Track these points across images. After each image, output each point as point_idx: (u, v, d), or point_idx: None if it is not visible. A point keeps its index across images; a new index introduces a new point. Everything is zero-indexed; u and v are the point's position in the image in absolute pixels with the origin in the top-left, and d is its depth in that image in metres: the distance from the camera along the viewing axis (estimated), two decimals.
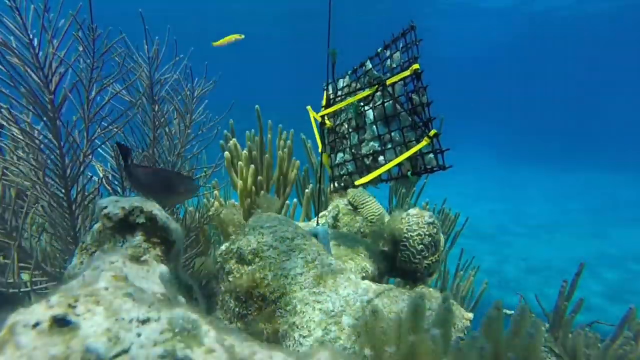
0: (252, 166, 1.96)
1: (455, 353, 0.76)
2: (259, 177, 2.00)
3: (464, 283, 2.32)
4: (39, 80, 1.21)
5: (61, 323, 0.45)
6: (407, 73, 1.31)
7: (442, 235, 1.73)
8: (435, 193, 2.60)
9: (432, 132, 1.27)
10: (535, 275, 6.11)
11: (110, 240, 0.74)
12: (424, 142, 1.27)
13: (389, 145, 1.40)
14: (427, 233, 1.61)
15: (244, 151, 2.00)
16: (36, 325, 0.44)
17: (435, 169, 1.30)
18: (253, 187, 1.98)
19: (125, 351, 0.44)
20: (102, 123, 1.38)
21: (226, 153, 2.02)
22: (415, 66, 1.29)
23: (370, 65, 1.48)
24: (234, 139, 2.02)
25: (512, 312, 1.67)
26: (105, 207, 0.74)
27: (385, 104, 1.40)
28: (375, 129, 1.43)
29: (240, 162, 1.96)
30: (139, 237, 0.74)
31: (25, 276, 1.32)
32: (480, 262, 2.57)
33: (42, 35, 1.19)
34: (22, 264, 1.28)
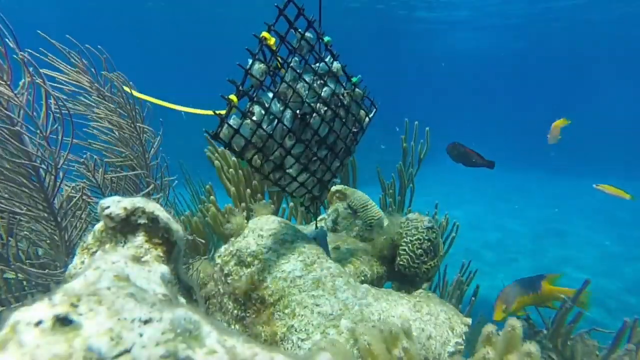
0: (240, 172, 1.96)
1: None
2: (254, 182, 2.01)
3: (461, 287, 2.32)
4: None
5: (64, 322, 0.45)
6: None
7: (441, 239, 1.74)
8: (435, 195, 2.60)
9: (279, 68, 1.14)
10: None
11: (112, 240, 0.74)
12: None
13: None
14: (427, 237, 1.61)
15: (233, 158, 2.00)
16: (39, 323, 0.45)
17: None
18: (248, 190, 1.98)
19: (127, 351, 0.44)
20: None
21: (216, 162, 2.02)
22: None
23: (339, 65, 1.28)
24: (221, 148, 2.02)
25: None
26: (108, 207, 0.74)
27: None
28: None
29: (231, 170, 1.96)
30: (140, 238, 0.74)
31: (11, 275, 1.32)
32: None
33: None
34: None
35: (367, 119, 1.44)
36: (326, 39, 1.24)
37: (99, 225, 0.78)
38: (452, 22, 15.43)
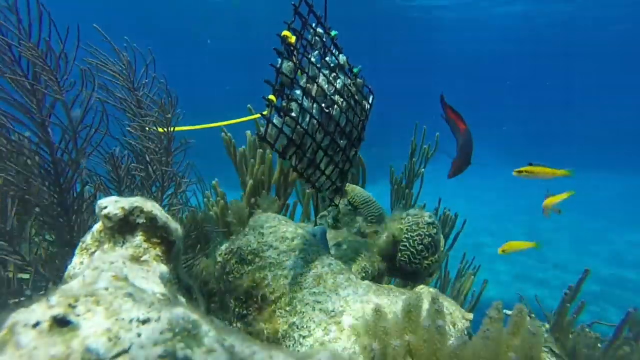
0: (263, 166, 1.97)
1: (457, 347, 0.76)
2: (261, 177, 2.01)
3: (464, 283, 2.32)
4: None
5: (61, 323, 0.45)
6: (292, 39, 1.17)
7: (442, 235, 1.74)
8: (438, 193, 2.61)
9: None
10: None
11: (110, 240, 0.74)
12: None
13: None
14: (427, 233, 1.61)
15: (260, 149, 2.01)
16: (36, 325, 0.44)
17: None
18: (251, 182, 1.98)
19: (125, 351, 0.44)
20: (91, 131, 1.37)
21: (240, 149, 2.03)
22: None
23: (344, 58, 1.33)
24: (251, 138, 2.05)
25: (511, 312, 1.66)
26: (106, 207, 0.74)
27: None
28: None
29: (252, 160, 1.98)
30: (139, 237, 0.74)
31: (25, 276, 1.32)
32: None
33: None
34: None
35: (368, 105, 1.49)
36: (333, 33, 1.30)
37: (97, 225, 0.78)
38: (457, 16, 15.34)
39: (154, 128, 1.49)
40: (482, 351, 0.76)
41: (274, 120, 1.14)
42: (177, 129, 1.54)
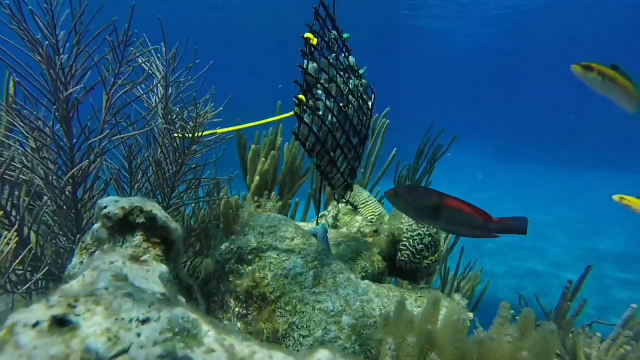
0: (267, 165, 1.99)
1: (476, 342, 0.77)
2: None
3: (467, 283, 2.32)
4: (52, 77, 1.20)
5: (61, 323, 0.45)
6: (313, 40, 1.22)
7: (442, 235, 1.74)
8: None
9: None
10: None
11: (110, 240, 0.74)
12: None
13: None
14: (428, 233, 1.61)
15: (273, 152, 2.03)
16: (36, 325, 0.44)
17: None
18: (258, 178, 1.99)
19: (125, 351, 0.44)
20: (117, 125, 1.36)
21: (253, 146, 2.06)
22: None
23: (354, 60, 1.40)
24: (268, 138, 2.07)
25: (511, 311, 1.67)
26: (105, 207, 0.74)
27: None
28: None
29: (263, 159, 1.99)
30: (139, 237, 0.74)
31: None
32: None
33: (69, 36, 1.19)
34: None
35: (370, 104, 1.54)
36: (345, 35, 1.35)
37: (97, 225, 0.78)
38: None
39: (182, 132, 1.48)
40: (499, 350, 0.77)
41: (306, 119, 1.17)
42: (204, 133, 1.52)
